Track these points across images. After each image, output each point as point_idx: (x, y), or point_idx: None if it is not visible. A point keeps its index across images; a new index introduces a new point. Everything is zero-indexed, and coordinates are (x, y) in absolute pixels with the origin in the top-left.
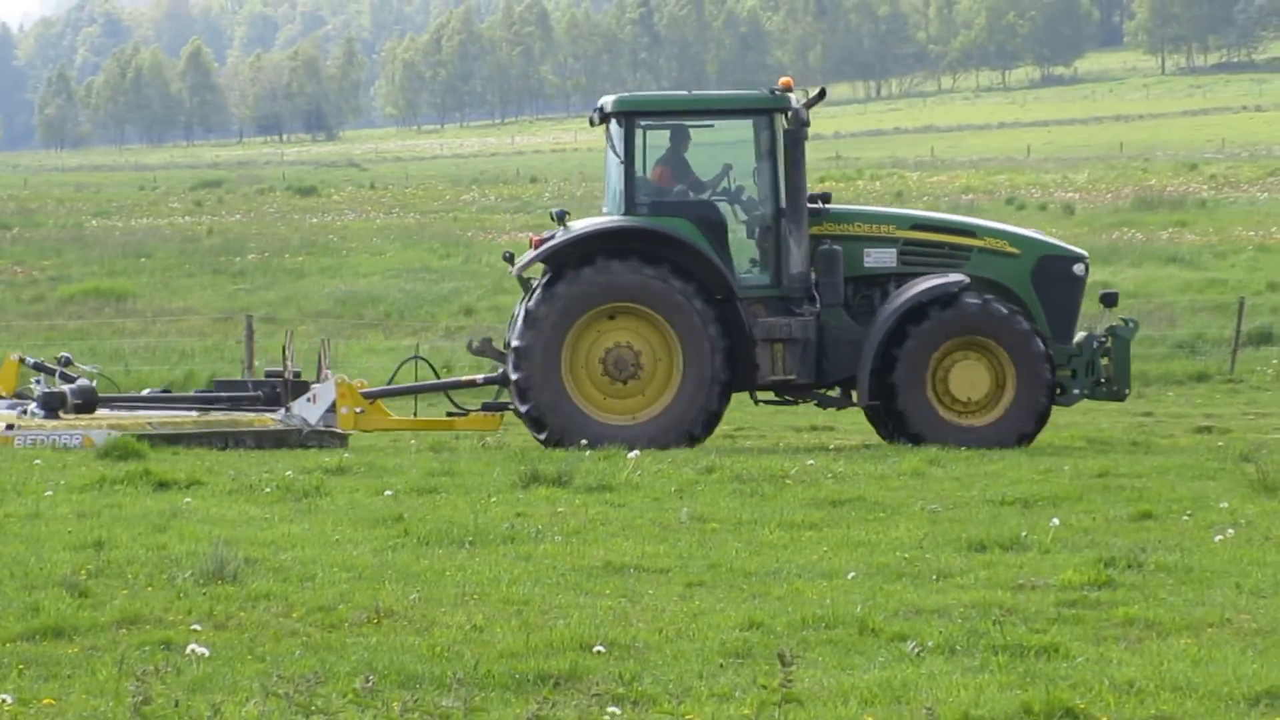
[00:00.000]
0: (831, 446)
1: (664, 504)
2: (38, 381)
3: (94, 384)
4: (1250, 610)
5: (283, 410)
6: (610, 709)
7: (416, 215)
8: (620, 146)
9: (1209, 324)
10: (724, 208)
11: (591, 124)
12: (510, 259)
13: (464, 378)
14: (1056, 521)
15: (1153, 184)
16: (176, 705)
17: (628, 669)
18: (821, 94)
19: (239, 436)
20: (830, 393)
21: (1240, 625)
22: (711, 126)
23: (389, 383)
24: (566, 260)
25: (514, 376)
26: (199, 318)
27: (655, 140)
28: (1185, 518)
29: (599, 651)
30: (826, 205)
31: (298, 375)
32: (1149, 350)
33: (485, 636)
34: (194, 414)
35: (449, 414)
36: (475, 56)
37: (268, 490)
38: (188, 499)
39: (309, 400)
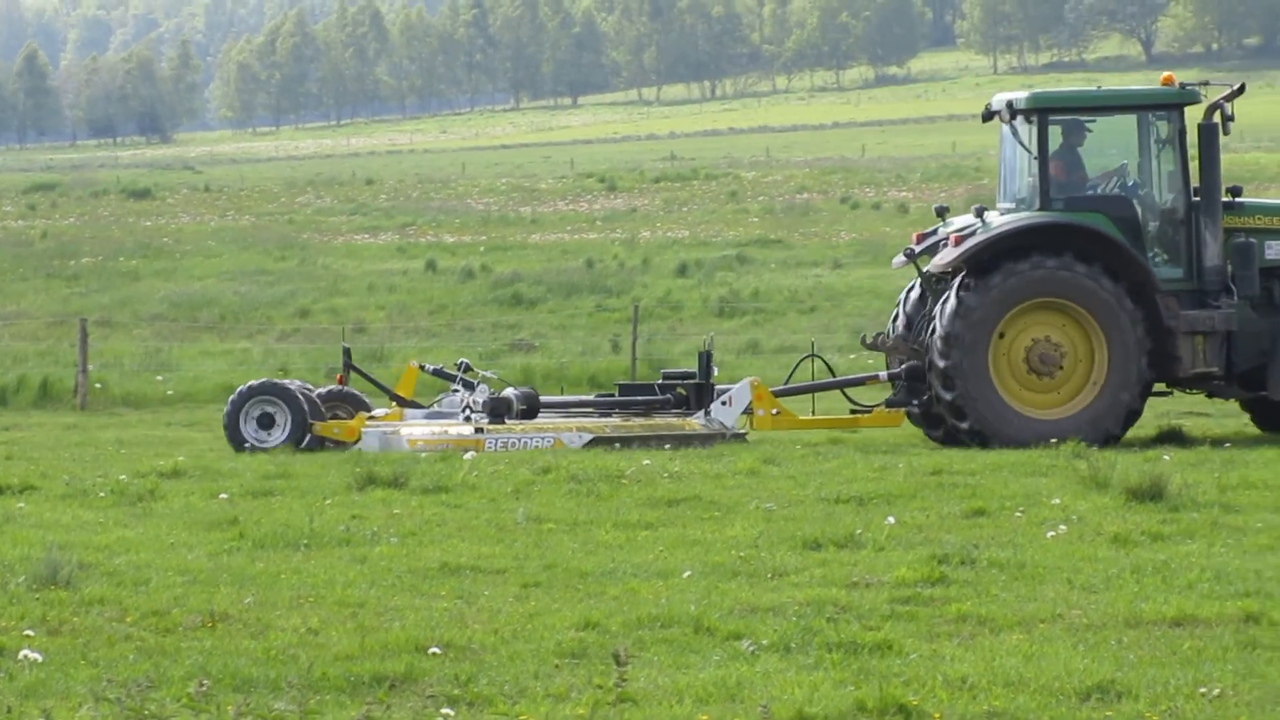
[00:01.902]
0: (666, 446)
1: (500, 505)
2: (455, 390)
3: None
4: (1081, 605)
5: (702, 413)
6: (445, 710)
7: (251, 218)
8: (1033, 143)
9: None
10: (1135, 202)
11: (984, 120)
12: (912, 255)
13: (864, 375)
14: (891, 519)
15: (986, 183)
16: (9, 711)
17: (463, 670)
18: (1241, 89)
19: (676, 440)
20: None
21: (1072, 620)
22: (1120, 121)
23: (786, 381)
24: (988, 257)
25: (941, 364)
26: (32, 321)
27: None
28: (1018, 514)
29: (434, 653)
30: (1236, 198)
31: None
32: None
33: (320, 639)
34: (615, 419)
35: (852, 411)
36: (310, 58)
37: (102, 495)
38: (20, 504)
39: (723, 403)
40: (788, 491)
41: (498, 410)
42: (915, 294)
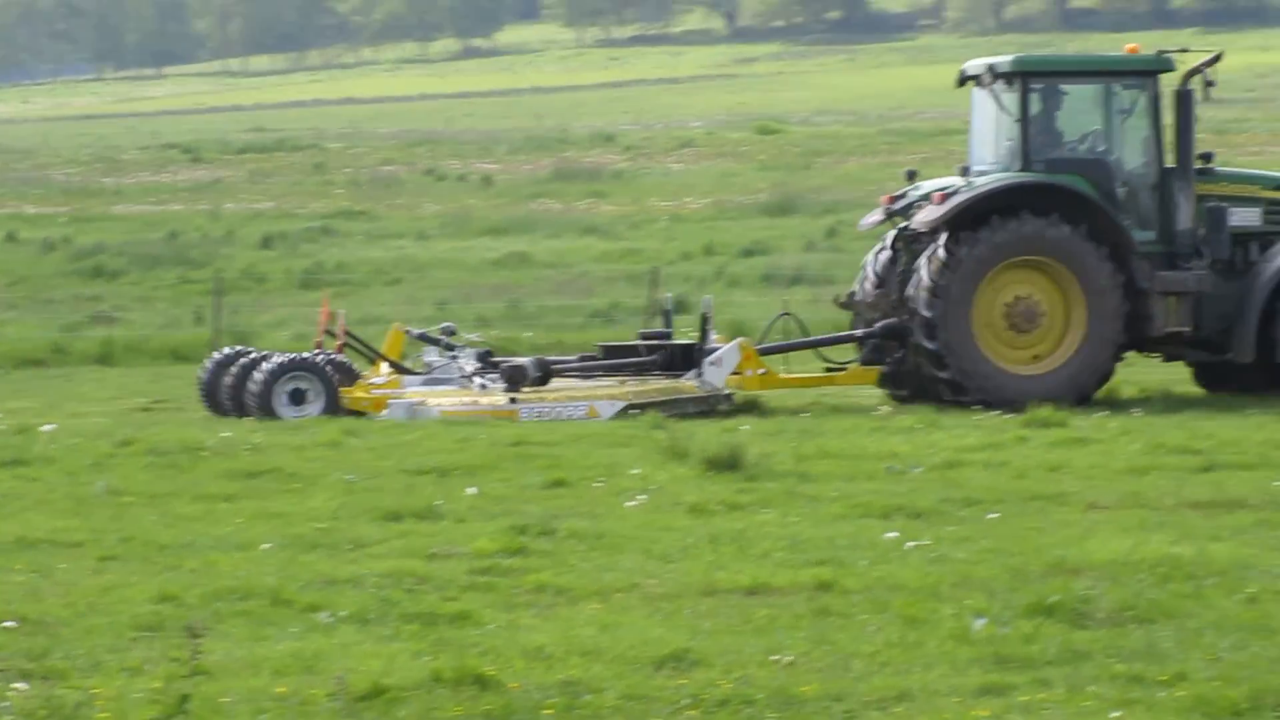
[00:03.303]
0: (247, 419)
1: (79, 478)
2: (453, 355)
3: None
4: (658, 575)
5: (695, 374)
6: (18, 685)
7: None
8: (1015, 106)
9: (625, 293)
10: (1110, 165)
11: (958, 85)
12: (889, 215)
13: (841, 334)
14: (472, 490)
15: (570, 155)
16: None
17: (37, 644)
18: (1219, 56)
19: (686, 404)
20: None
21: (648, 590)
22: (1098, 86)
23: (761, 340)
24: (974, 215)
25: (926, 314)
26: None
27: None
28: (597, 485)
29: (8, 627)
30: (1209, 165)
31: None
32: (566, 320)
33: None
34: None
35: (827, 370)
36: None
37: None
38: None
39: (713, 364)
40: (369, 463)
41: (515, 379)
42: (885, 254)
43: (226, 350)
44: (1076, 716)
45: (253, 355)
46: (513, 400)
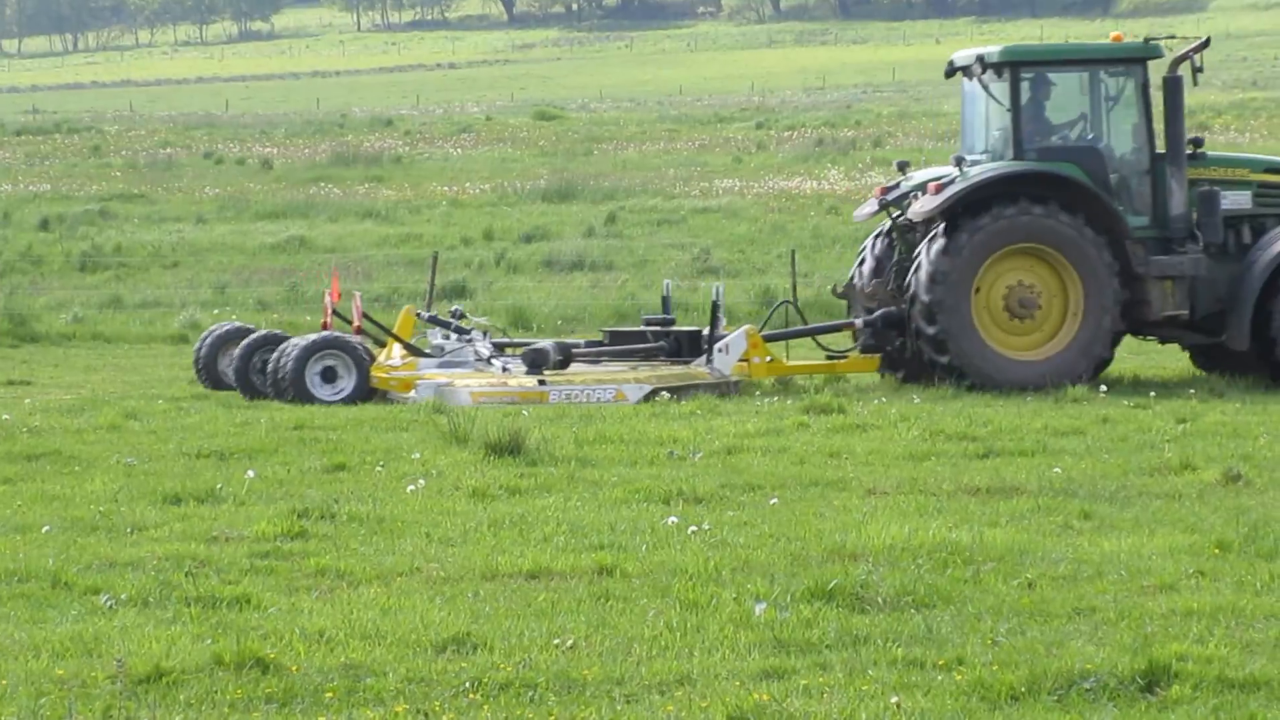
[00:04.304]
0: (27, 401)
1: None
2: (469, 339)
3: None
4: (439, 559)
5: (705, 361)
6: None
7: None
8: (1006, 95)
9: (405, 277)
10: (1102, 152)
11: (947, 76)
12: (884, 205)
13: (840, 321)
14: (252, 474)
15: (350, 140)
16: None
17: None
18: (1207, 42)
19: (701, 388)
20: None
21: (429, 573)
22: (1088, 74)
23: (761, 328)
24: (970, 204)
25: (926, 299)
26: None
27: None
28: (379, 469)
29: None
30: (1199, 150)
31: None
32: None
33: None
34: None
35: (829, 357)
36: None
37: None
38: None
39: (721, 351)
40: (149, 446)
41: (537, 362)
42: (882, 243)
43: (215, 327)
44: (856, 700)
45: (261, 333)
46: (542, 383)
